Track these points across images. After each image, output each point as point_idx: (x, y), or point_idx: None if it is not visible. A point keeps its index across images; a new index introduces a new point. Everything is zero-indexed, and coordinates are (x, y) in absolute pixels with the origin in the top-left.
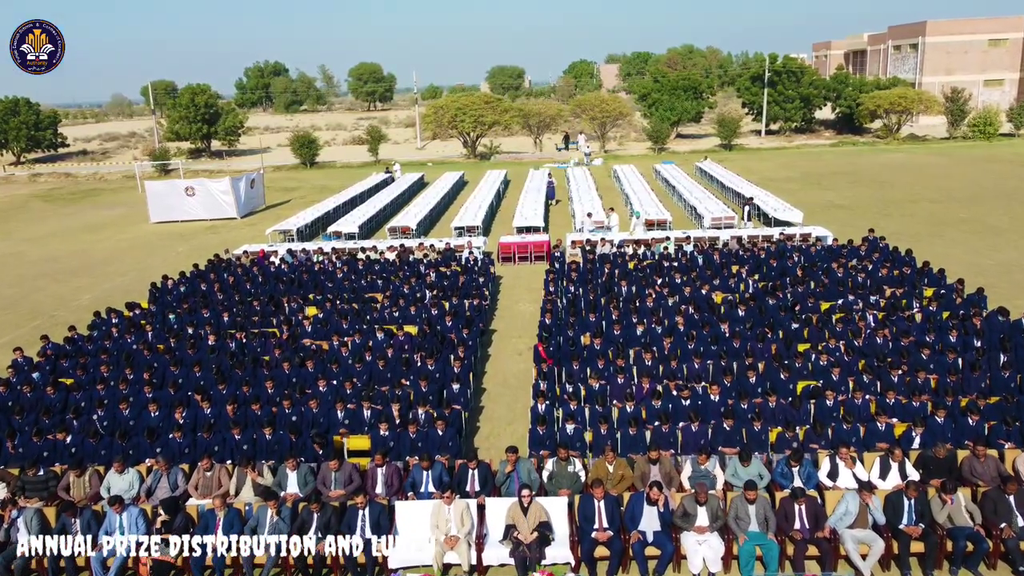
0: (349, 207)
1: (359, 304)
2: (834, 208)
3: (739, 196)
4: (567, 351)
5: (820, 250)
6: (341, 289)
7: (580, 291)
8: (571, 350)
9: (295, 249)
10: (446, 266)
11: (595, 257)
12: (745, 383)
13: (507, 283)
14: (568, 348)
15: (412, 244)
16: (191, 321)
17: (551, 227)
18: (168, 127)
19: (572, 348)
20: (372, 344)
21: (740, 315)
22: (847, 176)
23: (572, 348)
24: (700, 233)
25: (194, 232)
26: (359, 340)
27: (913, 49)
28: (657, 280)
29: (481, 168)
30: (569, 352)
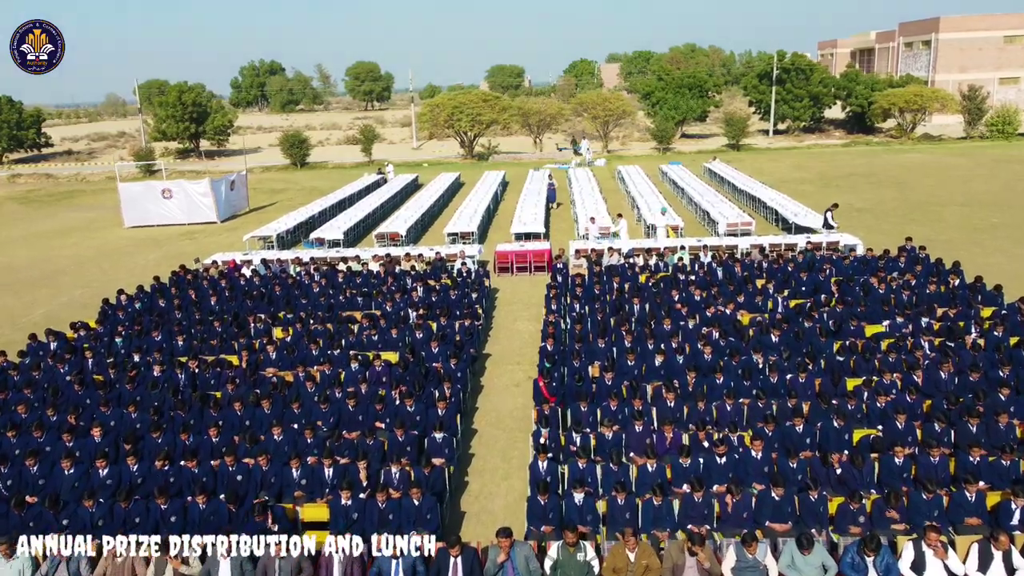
0: (337, 210)
1: (335, 325)
2: (856, 212)
3: (753, 199)
4: (573, 388)
5: (854, 262)
6: (316, 306)
7: (586, 309)
8: (578, 387)
9: (270, 259)
10: (435, 279)
11: (602, 269)
12: (791, 434)
13: (504, 297)
14: (574, 385)
15: (400, 253)
16: (139, 346)
17: (552, 233)
18: (155, 126)
19: (579, 384)
20: (345, 375)
21: (773, 341)
22: (865, 178)
23: (579, 384)
24: (716, 241)
25: (169, 238)
26: (329, 371)
27: (926, 46)
28: (674, 296)
29: (478, 169)
30: (575, 389)
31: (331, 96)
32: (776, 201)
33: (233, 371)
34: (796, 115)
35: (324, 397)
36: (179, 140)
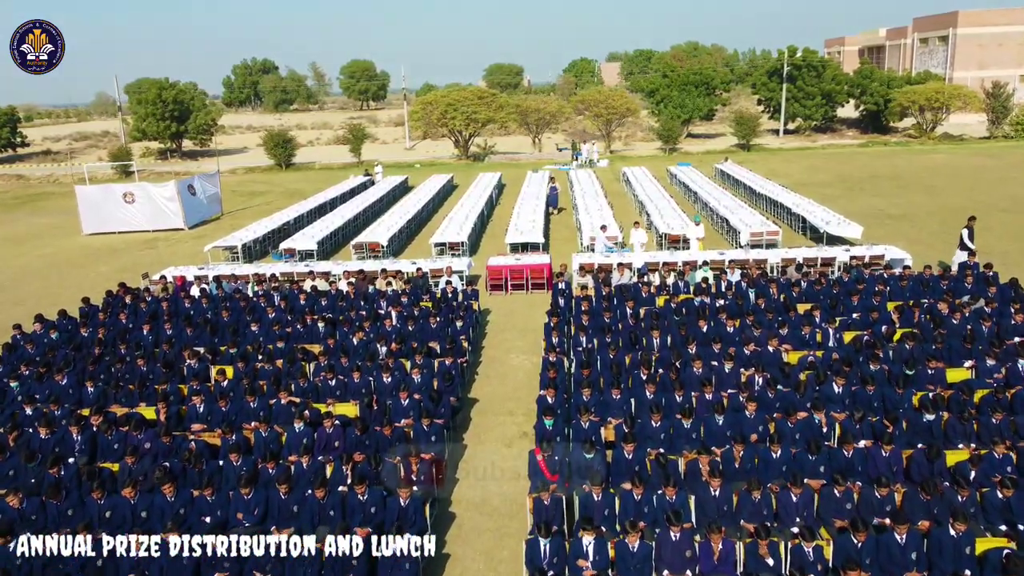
0: (315, 216)
1: (287, 363)
2: (888, 219)
3: (775, 204)
4: (581, 462)
5: (911, 282)
6: (269, 337)
7: (595, 343)
8: (587, 461)
9: (227, 275)
10: (415, 301)
11: (611, 290)
12: (890, 546)
13: (496, 321)
14: (583, 457)
15: (377, 267)
16: (33, 396)
17: (552, 242)
18: (134, 125)
19: (590, 456)
20: (287, 436)
21: (836, 392)
22: (891, 180)
23: (590, 456)
24: (740, 255)
25: (129, 246)
26: (266, 433)
27: (942, 42)
28: (702, 328)
29: (473, 170)
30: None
31: (326, 95)
32: (801, 207)
33: (144, 433)
34: (808, 114)
35: (248, 479)
36: (160, 140)
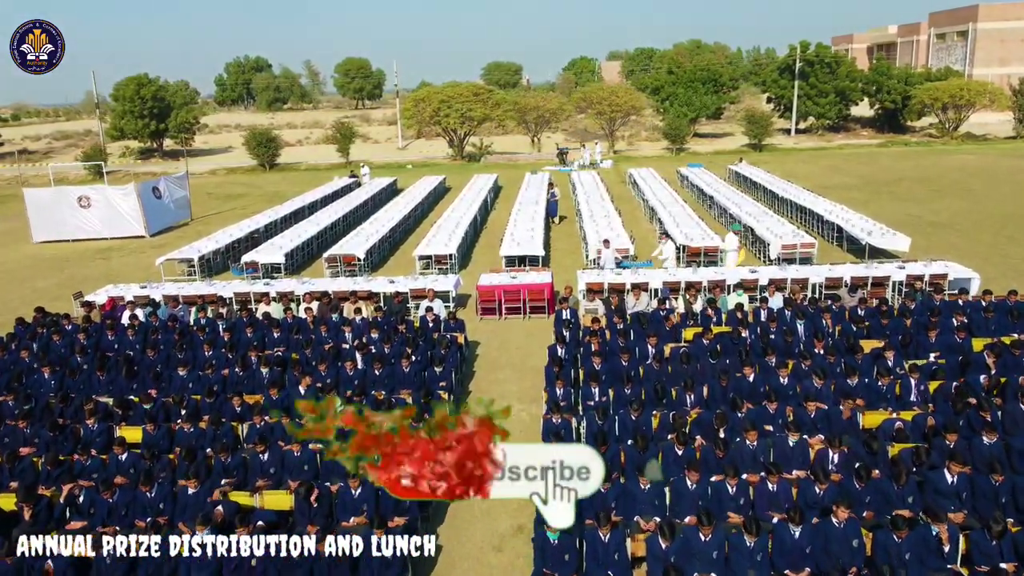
0: (292, 221)
1: (215, 424)
2: (930, 228)
3: (802, 211)
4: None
5: (996, 310)
6: (198, 385)
7: (609, 395)
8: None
9: (171, 295)
10: (386, 335)
11: (627, 322)
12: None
13: (488, 356)
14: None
15: (351, 286)
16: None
17: (553, 254)
18: (112, 123)
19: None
20: (181, 550)
21: (949, 483)
22: (920, 184)
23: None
24: (776, 272)
25: (81, 257)
26: (158, 547)
27: (961, 37)
28: (749, 377)
29: (467, 171)
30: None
31: (321, 94)
32: (835, 213)
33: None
34: (821, 112)
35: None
36: (139, 138)
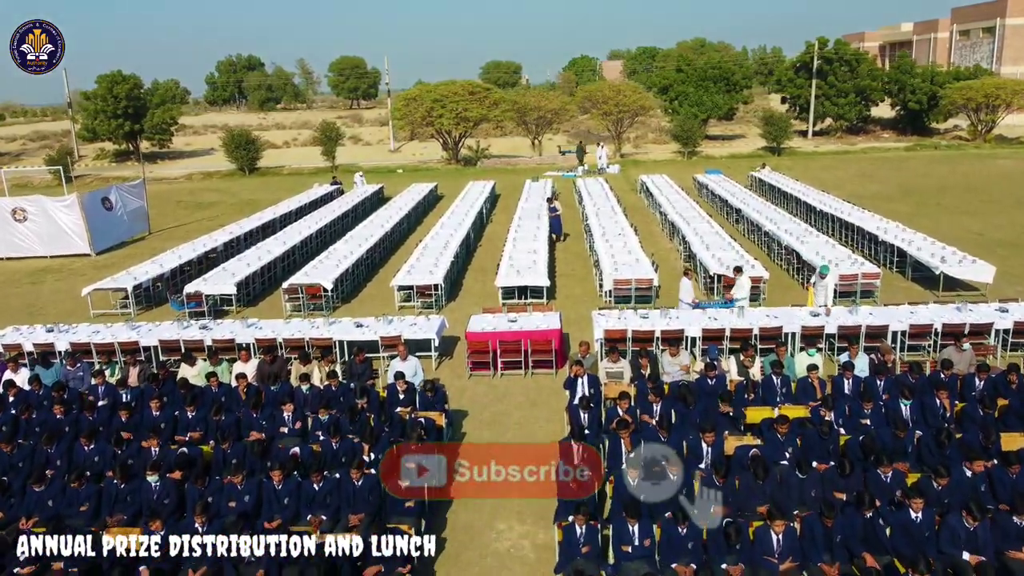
0: (257, 238)
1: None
2: (998, 247)
3: (848, 228)
4: None
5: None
6: (65, 504)
7: (655, 537)
8: None
9: (81, 343)
10: (335, 420)
11: (663, 398)
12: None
13: (476, 433)
14: None
15: (305, 333)
16: None
17: (559, 281)
18: (84, 123)
19: None
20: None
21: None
22: (970, 193)
23: None
24: (844, 316)
25: (9, 280)
26: None
27: (987, 34)
28: (861, 512)
29: (463, 177)
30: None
31: (315, 94)
32: (892, 233)
33: None
34: (840, 113)
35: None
36: (113, 140)
